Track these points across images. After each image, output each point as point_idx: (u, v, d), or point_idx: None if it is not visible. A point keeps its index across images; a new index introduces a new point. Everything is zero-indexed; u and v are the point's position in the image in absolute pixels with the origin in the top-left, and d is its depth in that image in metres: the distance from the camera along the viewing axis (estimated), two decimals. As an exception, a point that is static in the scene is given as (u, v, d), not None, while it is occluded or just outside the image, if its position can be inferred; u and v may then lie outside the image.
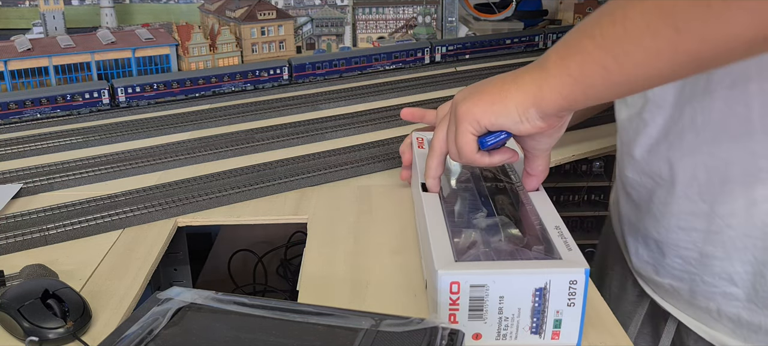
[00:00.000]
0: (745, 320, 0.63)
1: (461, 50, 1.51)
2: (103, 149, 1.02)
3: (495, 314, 0.53)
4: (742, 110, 0.59)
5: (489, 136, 0.58)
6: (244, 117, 1.15)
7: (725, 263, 0.64)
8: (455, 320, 0.53)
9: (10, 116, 1.14)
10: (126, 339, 0.48)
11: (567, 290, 0.52)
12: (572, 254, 0.53)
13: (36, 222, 0.78)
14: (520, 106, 0.55)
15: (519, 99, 0.55)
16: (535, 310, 0.53)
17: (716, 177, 0.62)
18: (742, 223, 0.61)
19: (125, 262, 0.71)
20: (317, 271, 0.69)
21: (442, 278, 0.52)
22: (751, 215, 0.60)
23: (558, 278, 0.51)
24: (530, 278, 0.52)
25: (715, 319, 0.66)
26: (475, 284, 0.52)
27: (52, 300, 0.59)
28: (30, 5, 1.70)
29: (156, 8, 1.73)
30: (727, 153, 0.61)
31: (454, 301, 0.52)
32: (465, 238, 0.57)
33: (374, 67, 1.42)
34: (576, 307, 0.52)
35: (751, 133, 0.59)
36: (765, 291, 0.61)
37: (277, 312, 0.51)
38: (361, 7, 1.67)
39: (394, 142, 1.00)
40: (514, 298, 0.52)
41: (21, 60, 1.23)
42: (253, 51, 1.44)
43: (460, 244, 0.56)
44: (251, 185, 0.86)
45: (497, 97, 0.56)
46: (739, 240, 0.62)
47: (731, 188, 0.61)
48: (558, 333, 0.54)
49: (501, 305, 0.52)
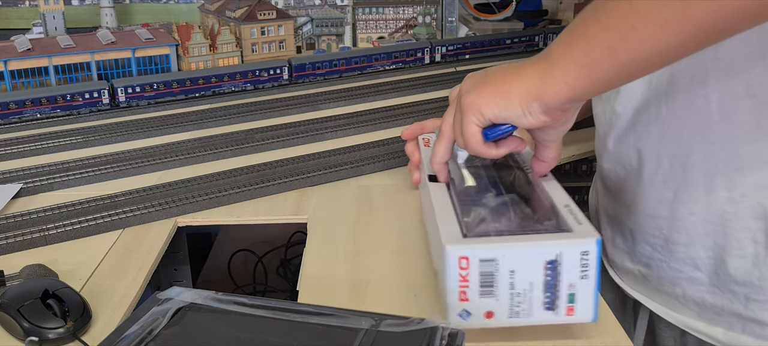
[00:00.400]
0: (708, 303, 0.65)
1: (461, 50, 1.51)
2: (103, 149, 1.02)
3: (506, 289, 0.51)
4: (701, 103, 0.61)
5: (493, 129, 0.58)
6: (244, 117, 1.15)
7: (689, 249, 0.65)
8: (466, 298, 0.52)
9: (10, 116, 1.14)
10: (126, 339, 0.48)
11: (579, 262, 0.50)
12: (583, 227, 0.52)
13: (36, 222, 0.78)
14: (523, 100, 0.54)
15: (522, 93, 0.54)
16: (548, 284, 0.51)
17: (679, 166, 0.64)
18: (703, 209, 0.63)
19: (125, 262, 0.71)
20: (317, 271, 0.69)
21: (451, 253, 0.51)
22: (710, 202, 0.62)
23: (569, 249, 0.50)
24: (541, 250, 0.50)
25: (681, 303, 0.68)
26: (484, 258, 0.51)
27: (52, 300, 0.59)
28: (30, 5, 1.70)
29: (156, 8, 1.73)
30: (688, 143, 0.63)
31: (463, 277, 0.51)
32: (474, 216, 0.55)
33: (374, 67, 1.42)
34: (589, 279, 0.51)
35: (709, 124, 0.61)
36: (726, 275, 0.63)
37: (277, 312, 0.51)
38: (361, 7, 1.67)
39: (394, 143, 1.00)
40: (526, 272, 0.51)
41: (21, 60, 1.23)
42: (253, 51, 1.44)
43: (470, 222, 0.55)
44: (251, 185, 0.86)
45: (501, 90, 0.56)
46: (701, 226, 0.64)
47: (692, 176, 0.63)
48: (573, 309, 0.52)
49: (512, 279, 0.51)
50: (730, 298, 0.63)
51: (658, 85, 0.65)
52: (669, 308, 0.69)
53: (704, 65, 0.60)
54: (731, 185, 0.60)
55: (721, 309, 0.64)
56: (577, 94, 0.53)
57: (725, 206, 0.61)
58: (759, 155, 0.59)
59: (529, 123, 0.56)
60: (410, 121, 1.11)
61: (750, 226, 0.60)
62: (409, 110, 1.16)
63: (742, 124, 0.59)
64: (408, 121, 1.11)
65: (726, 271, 0.62)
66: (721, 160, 0.61)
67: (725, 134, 0.60)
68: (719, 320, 0.65)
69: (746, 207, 0.60)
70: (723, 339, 0.64)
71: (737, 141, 0.60)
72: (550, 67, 0.53)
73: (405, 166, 0.93)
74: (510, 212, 0.56)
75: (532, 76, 0.54)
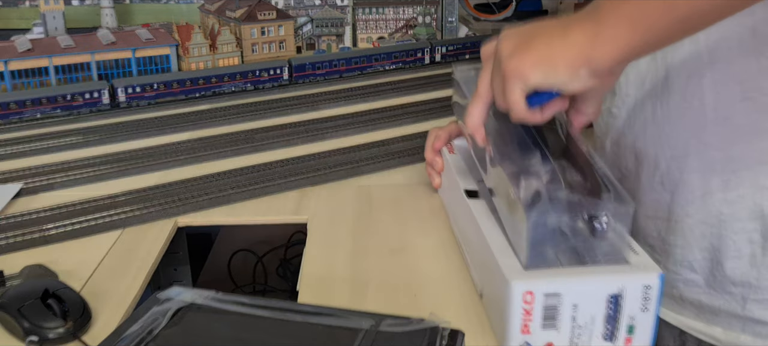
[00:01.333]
0: (706, 304, 0.65)
1: (461, 50, 1.51)
2: (103, 149, 1.02)
3: (568, 322, 0.51)
4: (697, 104, 0.60)
5: (538, 96, 0.55)
6: (244, 117, 1.15)
7: (685, 251, 0.65)
8: (528, 330, 0.52)
9: (10, 116, 1.14)
10: (126, 339, 0.48)
11: (642, 296, 0.51)
12: (641, 258, 0.52)
13: (36, 222, 0.78)
14: (570, 66, 0.52)
15: (568, 58, 0.52)
16: (609, 317, 0.51)
17: (675, 167, 0.63)
18: (699, 211, 0.62)
19: (125, 262, 0.71)
20: (317, 271, 0.69)
21: (516, 288, 0.50)
22: (706, 203, 0.62)
23: (633, 283, 0.51)
24: (605, 284, 0.50)
25: (679, 304, 0.68)
26: (549, 293, 0.50)
27: (52, 300, 0.59)
28: (30, 5, 1.70)
29: (156, 8, 1.72)
30: (684, 144, 0.62)
31: (527, 311, 0.51)
32: (527, 189, 0.54)
33: (374, 67, 1.42)
34: (650, 312, 0.51)
35: (704, 125, 0.60)
36: (722, 276, 0.63)
37: (277, 312, 0.51)
38: (361, 7, 1.67)
39: (394, 143, 1.01)
40: (589, 305, 0.51)
41: (21, 60, 1.23)
42: (253, 51, 1.44)
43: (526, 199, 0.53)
44: (251, 185, 0.86)
45: (545, 55, 0.53)
46: (697, 228, 0.63)
47: (689, 178, 0.62)
48: (631, 339, 0.52)
49: (574, 313, 0.51)
50: (727, 299, 0.63)
51: (653, 86, 0.64)
52: (667, 307, 0.69)
53: (700, 67, 0.60)
54: (727, 186, 0.60)
55: (718, 310, 0.64)
56: (629, 55, 0.50)
57: (722, 207, 0.61)
58: (755, 156, 0.58)
59: (576, 88, 0.53)
60: (410, 121, 1.11)
61: (746, 227, 0.60)
62: (409, 110, 1.16)
63: (738, 127, 0.58)
64: (408, 121, 1.11)
65: (722, 272, 0.62)
66: (717, 162, 0.60)
67: (721, 136, 0.60)
68: (717, 320, 0.64)
69: (743, 208, 0.60)
70: (722, 338, 0.64)
71: (733, 143, 0.59)
72: (599, 26, 0.50)
73: (405, 166, 0.93)
74: (561, 182, 0.55)
75: (579, 37, 0.51)
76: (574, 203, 0.53)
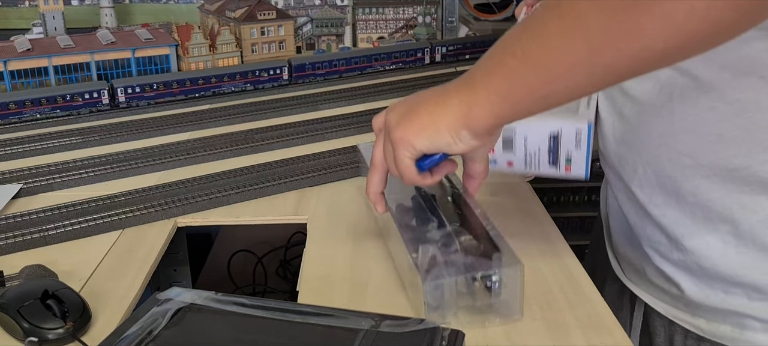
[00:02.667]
0: (689, 298, 0.67)
1: (461, 50, 1.51)
2: (102, 149, 1.02)
3: (522, 149, 0.68)
4: (666, 115, 0.62)
5: (426, 159, 0.60)
6: (244, 117, 1.15)
7: (666, 250, 0.68)
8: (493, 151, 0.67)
9: (9, 117, 1.14)
10: (126, 340, 0.48)
11: (575, 136, 0.65)
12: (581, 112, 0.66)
13: (36, 222, 0.78)
14: (452, 129, 0.56)
15: (449, 122, 0.56)
16: (551, 149, 0.67)
17: (651, 172, 0.65)
18: (676, 214, 0.65)
19: (125, 262, 0.71)
20: (317, 271, 0.69)
21: None
22: (681, 208, 0.64)
23: (567, 127, 0.65)
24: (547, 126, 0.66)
25: (669, 296, 0.69)
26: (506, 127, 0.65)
27: (51, 301, 0.59)
28: (30, 5, 1.70)
29: (156, 8, 1.72)
30: (656, 151, 0.64)
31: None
32: (423, 253, 0.60)
33: (374, 67, 1.42)
34: (582, 149, 0.66)
35: (674, 134, 0.62)
36: (702, 273, 0.65)
37: (277, 313, 0.51)
38: (361, 7, 1.67)
39: (394, 143, 1.00)
40: (535, 139, 0.67)
41: (21, 60, 1.23)
42: (253, 51, 1.44)
43: (420, 260, 0.59)
44: (251, 185, 0.86)
45: (428, 122, 0.57)
46: (673, 229, 0.65)
47: (664, 182, 0.64)
48: (569, 167, 0.67)
49: (526, 143, 0.67)
50: (707, 293, 0.65)
51: (633, 96, 0.66)
52: (659, 299, 0.71)
53: (671, 80, 0.61)
54: (697, 191, 0.62)
55: (699, 304, 0.66)
56: (502, 121, 0.55)
57: (695, 210, 0.63)
58: (721, 164, 0.60)
59: (460, 149, 0.57)
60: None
61: (719, 228, 0.62)
62: (409, 110, 1.15)
63: (705, 136, 0.60)
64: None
65: (702, 271, 0.64)
66: (687, 168, 0.62)
67: (689, 144, 0.61)
68: (700, 312, 0.66)
69: (714, 212, 0.61)
70: (705, 328, 0.66)
71: (700, 151, 0.61)
72: (474, 95, 0.54)
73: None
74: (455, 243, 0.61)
75: (457, 104, 0.55)
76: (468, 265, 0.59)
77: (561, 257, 0.71)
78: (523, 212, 0.80)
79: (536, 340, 0.58)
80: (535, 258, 0.69)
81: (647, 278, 0.72)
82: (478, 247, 0.61)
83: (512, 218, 0.79)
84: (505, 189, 0.86)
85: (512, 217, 0.79)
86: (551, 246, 0.73)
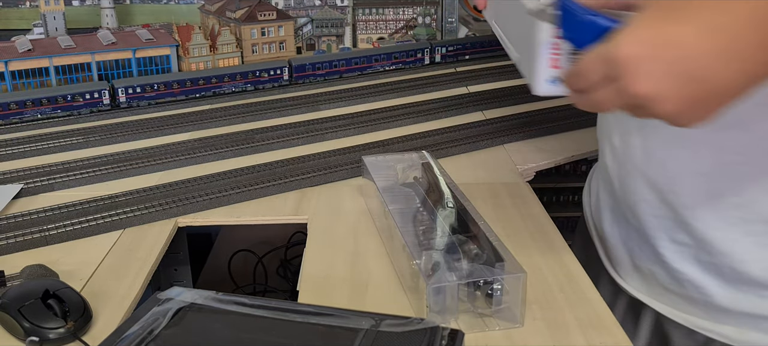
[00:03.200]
0: (715, 304, 0.66)
1: (461, 51, 1.51)
2: (103, 150, 1.02)
3: None
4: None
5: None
6: (244, 117, 1.15)
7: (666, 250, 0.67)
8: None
9: (10, 117, 1.14)
10: (126, 339, 0.48)
11: None
12: None
13: (36, 222, 0.78)
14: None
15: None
16: None
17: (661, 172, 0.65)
18: (663, 215, 0.65)
19: (126, 262, 0.71)
20: (317, 271, 0.69)
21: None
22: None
23: None
24: None
25: (688, 303, 0.68)
26: None
27: (52, 300, 0.59)
28: (30, 6, 1.70)
29: (156, 9, 1.73)
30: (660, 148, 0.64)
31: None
32: (426, 260, 0.61)
33: (374, 67, 1.42)
34: None
35: (643, 126, 0.63)
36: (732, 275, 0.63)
37: (278, 312, 0.51)
38: (361, 7, 1.67)
39: (395, 143, 1.01)
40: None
41: (22, 61, 1.23)
42: (253, 52, 1.44)
43: (423, 266, 0.60)
44: (251, 185, 0.86)
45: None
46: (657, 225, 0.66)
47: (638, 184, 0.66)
48: None
49: None
50: (738, 298, 0.63)
51: None
52: (673, 306, 0.69)
53: None
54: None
55: (727, 309, 0.64)
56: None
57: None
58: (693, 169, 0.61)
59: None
60: (410, 122, 1.11)
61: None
62: (409, 111, 1.16)
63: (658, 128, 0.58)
64: (408, 122, 1.11)
65: (734, 274, 0.63)
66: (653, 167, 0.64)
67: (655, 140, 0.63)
68: (727, 318, 0.64)
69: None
70: (734, 336, 0.65)
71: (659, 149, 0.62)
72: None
73: (405, 166, 0.93)
74: (459, 252, 0.62)
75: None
76: (471, 272, 0.59)
77: (561, 257, 0.71)
78: (523, 212, 0.81)
79: (536, 340, 0.58)
80: (535, 258, 0.70)
81: (660, 283, 0.70)
82: (481, 255, 0.61)
83: (512, 217, 0.79)
84: (506, 189, 0.86)
85: (512, 217, 0.79)
86: (551, 246, 0.73)
